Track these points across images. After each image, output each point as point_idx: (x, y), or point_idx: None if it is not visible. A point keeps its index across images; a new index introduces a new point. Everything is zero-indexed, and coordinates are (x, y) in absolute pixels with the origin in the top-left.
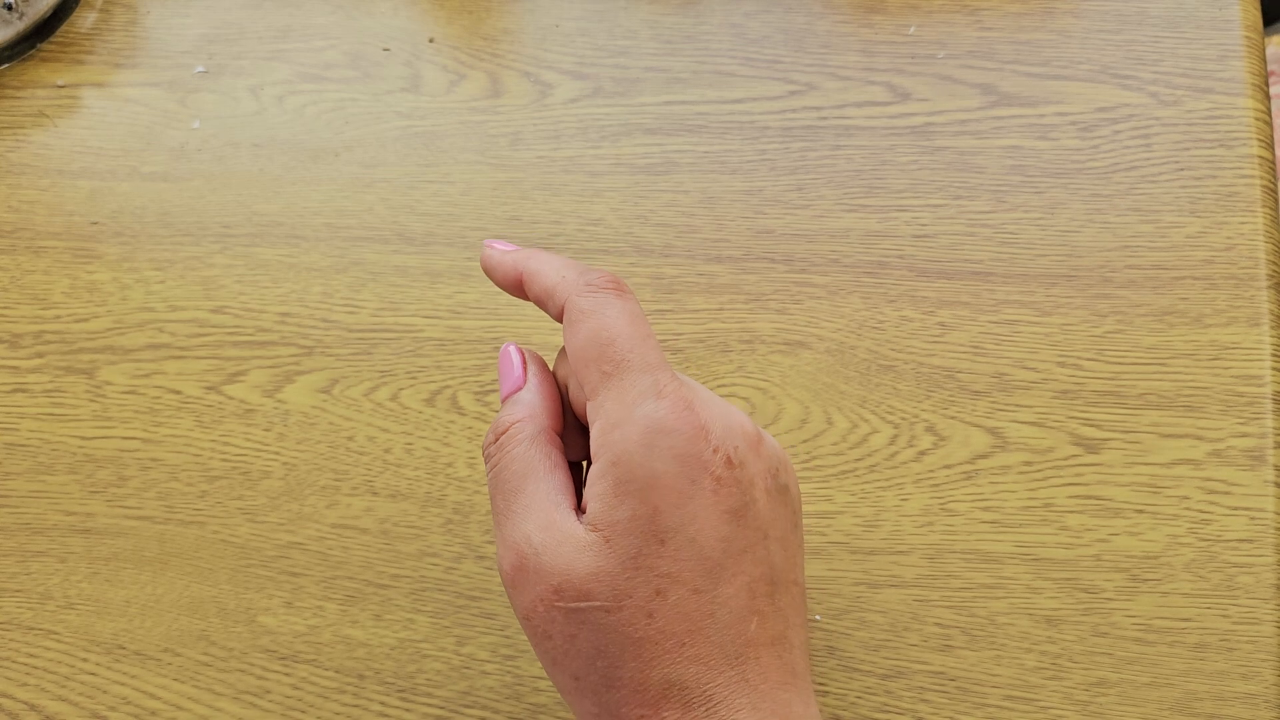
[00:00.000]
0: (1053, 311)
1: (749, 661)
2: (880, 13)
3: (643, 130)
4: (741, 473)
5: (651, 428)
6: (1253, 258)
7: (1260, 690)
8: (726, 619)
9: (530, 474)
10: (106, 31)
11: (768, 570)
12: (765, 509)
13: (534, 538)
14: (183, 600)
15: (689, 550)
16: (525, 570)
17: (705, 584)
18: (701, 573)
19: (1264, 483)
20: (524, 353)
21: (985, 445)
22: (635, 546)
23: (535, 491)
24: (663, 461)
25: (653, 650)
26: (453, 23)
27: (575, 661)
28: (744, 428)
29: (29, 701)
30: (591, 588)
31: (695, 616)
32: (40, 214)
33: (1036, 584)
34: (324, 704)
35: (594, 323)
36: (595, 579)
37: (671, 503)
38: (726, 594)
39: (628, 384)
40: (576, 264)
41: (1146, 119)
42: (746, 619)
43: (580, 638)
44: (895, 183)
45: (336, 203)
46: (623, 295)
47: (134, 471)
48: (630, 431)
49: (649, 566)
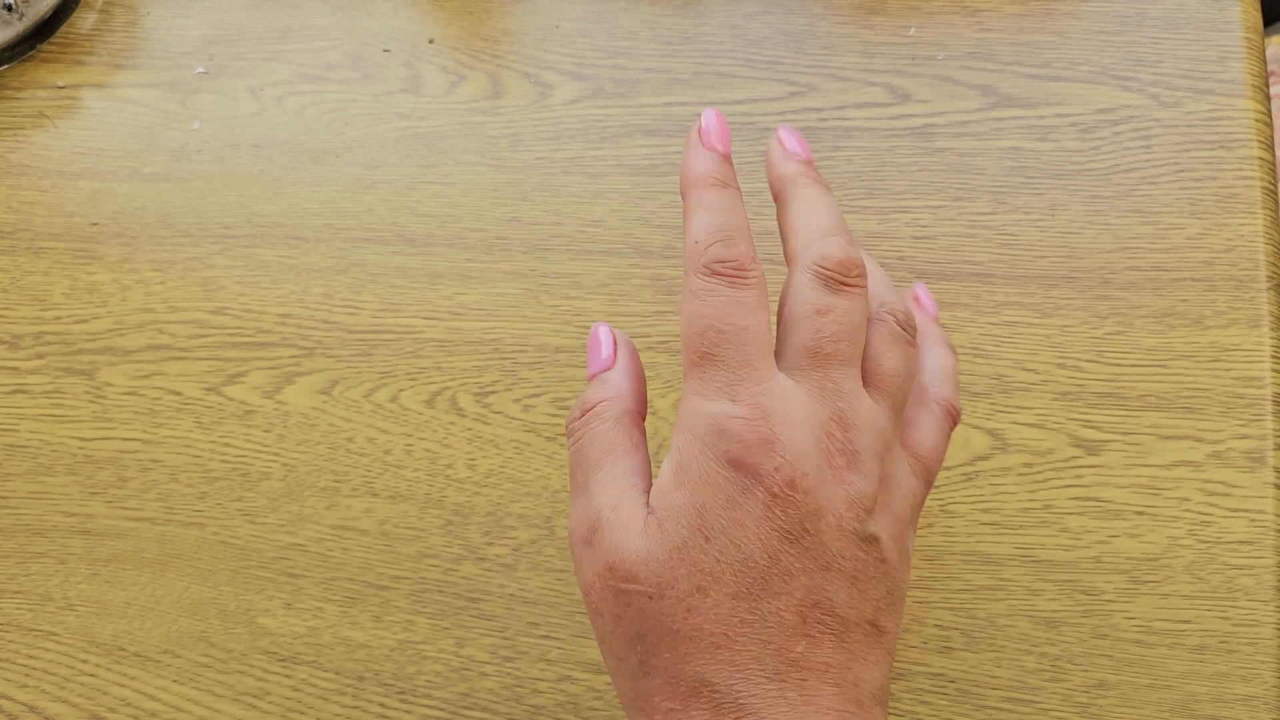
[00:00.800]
0: (1053, 313)
1: (793, 681)
2: (880, 14)
3: (643, 131)
4: (806, 499)
5: (715, 428)
6: (1253, 259)
7: (1260, 692)
8: (768, 633)
9: (610, 452)
10: (107, 32)
11: (824, 600)
12: (834, 544)
13: (604, 514)
14: (182, 602)
15: (733, 554)
16: (591, 544)
17: (746, 591)
18: (744, 580)
19: (1264, 484)
20: (615, 334)
21: (985, 447)
22: (683, 536)
23: (613, 469)
24: (718, 464)
25: (688, 646)
26: (453, 24)
27: (618, 642)
28: (842, 466)
29: (29, 703)
30: (639, 571)
31: (732, 621)
32: (40, 215)
33: (1036, 586)
34: (324, 705)
35: (696, 306)
36: (644, 563)
37: (719, 503)
38: (770, 609)
39: (710, 376)
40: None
41: (1146, 120)
42: (794, 639)
43: (625, 619)
44: (895, 184)
45: (337, 204)
46: (735, 284)
47: (134, 473)
48: (698, 423)
49: (693, 560)
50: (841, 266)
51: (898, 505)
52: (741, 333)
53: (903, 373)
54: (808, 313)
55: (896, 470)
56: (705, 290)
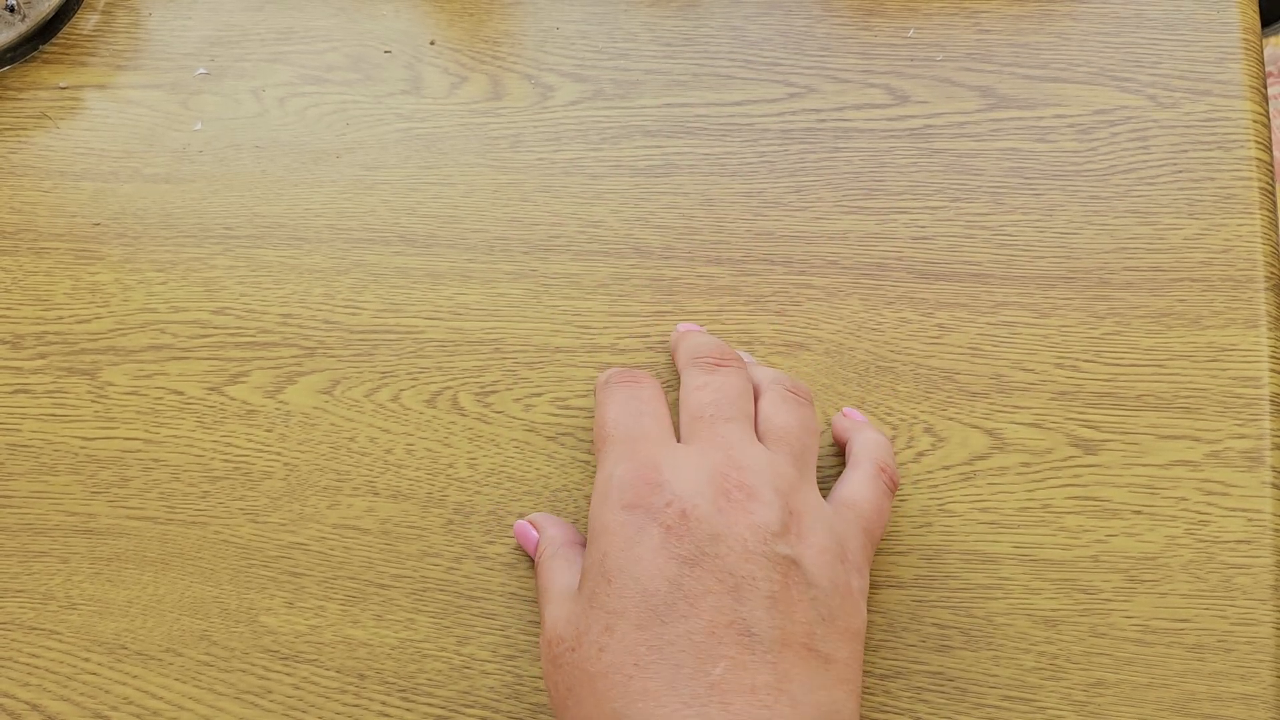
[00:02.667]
0: (1051, 313)
1: (714, 704)
2: (879, 16)
3: (643, 133)
4: (700, 526)
5: (608, 484)
6: (1250, 260)
7: (1258, 691)
8: (679, 658)
9: (554, 572)
10: (109, 33)
11: (738, 621)
12: (741, 566)
13: (546, 607)
14: (184, 600)
15: (634, 588)
16: (541, 638)
17: (650, 621)
18: (647, 610)
19: (1261, 484)
20: (533, 520)
21: (983, 446)
22: (591, 585)
23: (558, 581)
24: (613, 512)
25: (604, 684)
26: (454, 25)
27: (560, 708)
28: (723, 498)
29: (31, 701)
30: (563, 631)
31: (640, 651)
32: (42, 215)
33: (1034, 585)
34: (325, 704)
35: (601, 408)
36: (566, 621)
37: (618, 546)
38: (677, 633)
39: (606, 454)
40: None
41: (1144, 121)
42: (710, 661)
43: (560, 681)
44: (894, 185)
45: (338, 204)
46: (625, 384)
47: (136, 472)
48: (598, 488)
49: (600, 604)
50: (714, 353)
51: (820, 538)
52: (638, 418)
53: (795, 425)
54: (690, 391)
55: (809, 507)
56: (610, 393)
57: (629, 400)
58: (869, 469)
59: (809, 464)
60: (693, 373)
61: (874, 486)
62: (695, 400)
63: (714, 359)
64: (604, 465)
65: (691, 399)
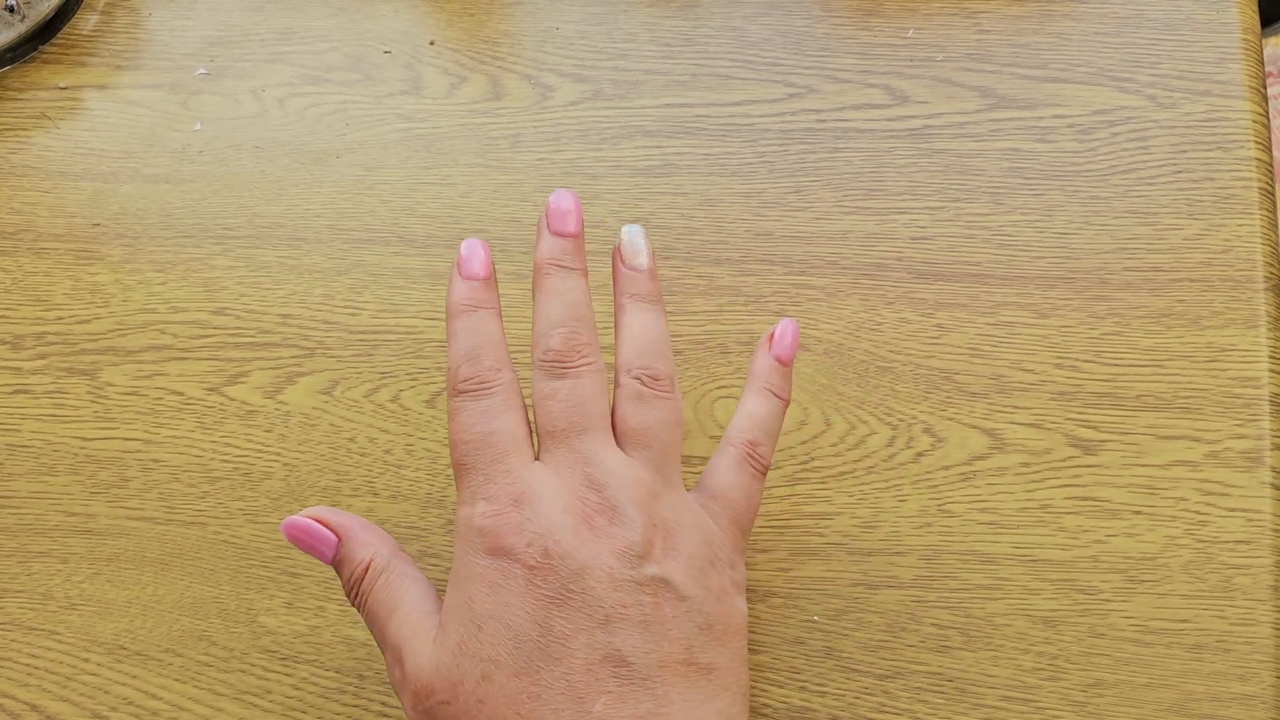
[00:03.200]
0: (1050, 313)
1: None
2: (879, 16)
3: (642, 133)
4: (563, 563)
5: (469, 528)
6: (1250, 260)
7: (1257, 691)
8: (558, 701)
9: (394, 596)
10: (108, 33)
11: (613, 654)
12: (609, 597)
13: (403, 647)
14: (184, 601)
15: (505, 634)
16: (399, 683)
17: (525, 667)
18: (521, 656)
19: (1261, 484)
20: (321, 514)
21: (983, 447)
22: (459, 632)
23: (401, 609)
24: (476, 556)
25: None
26: (453, 25)
27: None
28: (580, 522)
29: (30, 702)
30: (434, 683)
31: (520, 699)
32: (42, 215)
33: (1034, 585)
34: (325, 704)
35: (451, 427)
36: (436, 673)
37: (484, 592)
38: (554, 676)
39: (467, 484)
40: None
41: (1144, 121)
42: (589, 700)
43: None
44: (893, 185)
45: (337, 205)
46: (479, 396)
47: (135, 472)
48: (460, 529)
49: (473, 652)
50: (560, 355)
51: (689, 545)
52: (488, 437)
53: (652, 424)
54: (539, 401)
55: (674, 513)
56: (455, 409)
57: (479, 417)
58: (736, 454)
59: (671, 463)
60: (541, 379)
61: (741, 473)
62: (546, 412)
63: (559, 362)
64: (462, 501)
65: (542, 411)
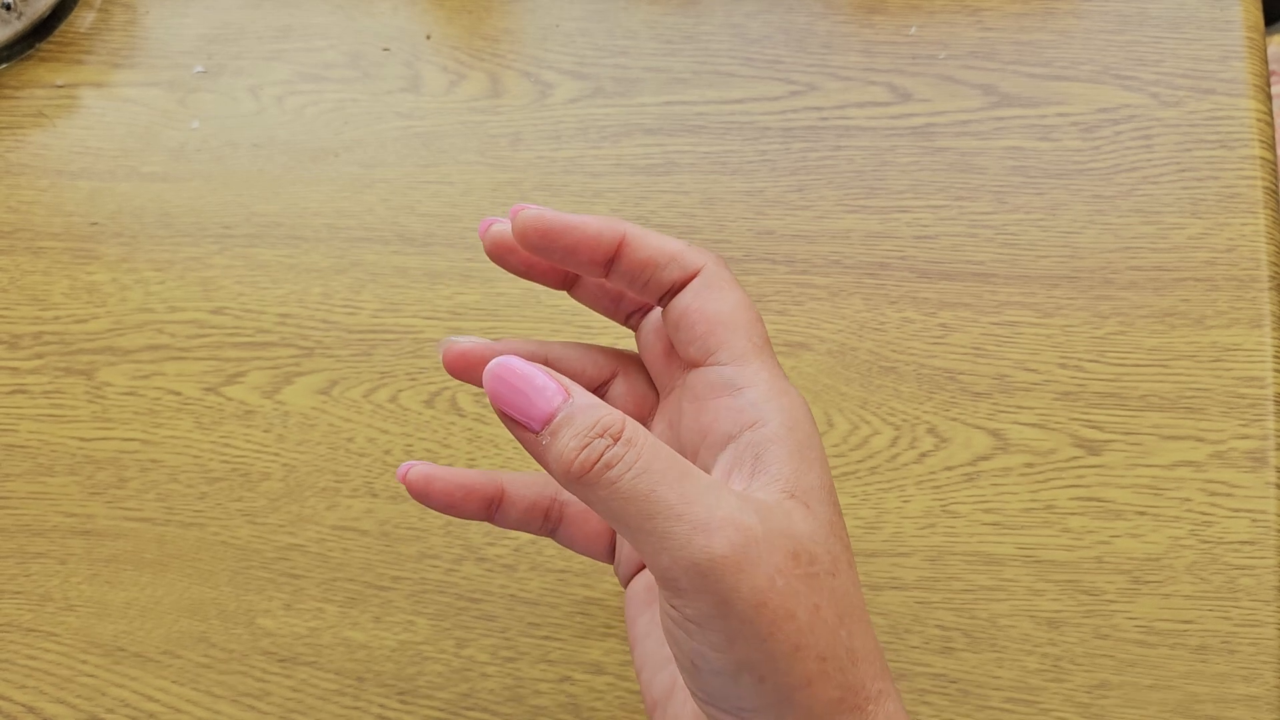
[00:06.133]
0: (1054, 313)
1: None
2: (881, 13)
3: (643, 130)
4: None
5: (808, 409)
6: (1254, 259)
7: (1262, 693)
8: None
9: (678, 457)
10: (105, 31)
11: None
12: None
13: (742, 510)
14: (182, 602)
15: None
16: (752, 544)
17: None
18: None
19: (1265, 484)
20: (548, 371)
21: (987, 447)
22: (828, 513)
23: (697, 473)
24: (817, 438)
25: (866, 618)
26: (453, 22)
27: (823, 638)
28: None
29: (28, 704)
30: (816, 551)
31: (859, 597)
32: (39, 214)
33: (1038, 586)
34: (324, 706)
35: (742, 294)
36: (815, 541)
37: (830, 483)
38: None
39: (774, 361)
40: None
41: (1148, 120)
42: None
43: (824, 608)
44: (896, 183)
45: (336, 203)
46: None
47: (134, 473)
48: (798, 401)
49: (841, 536)
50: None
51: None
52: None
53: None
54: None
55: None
56: (735, 280)
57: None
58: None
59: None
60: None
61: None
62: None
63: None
64: (780, 374)
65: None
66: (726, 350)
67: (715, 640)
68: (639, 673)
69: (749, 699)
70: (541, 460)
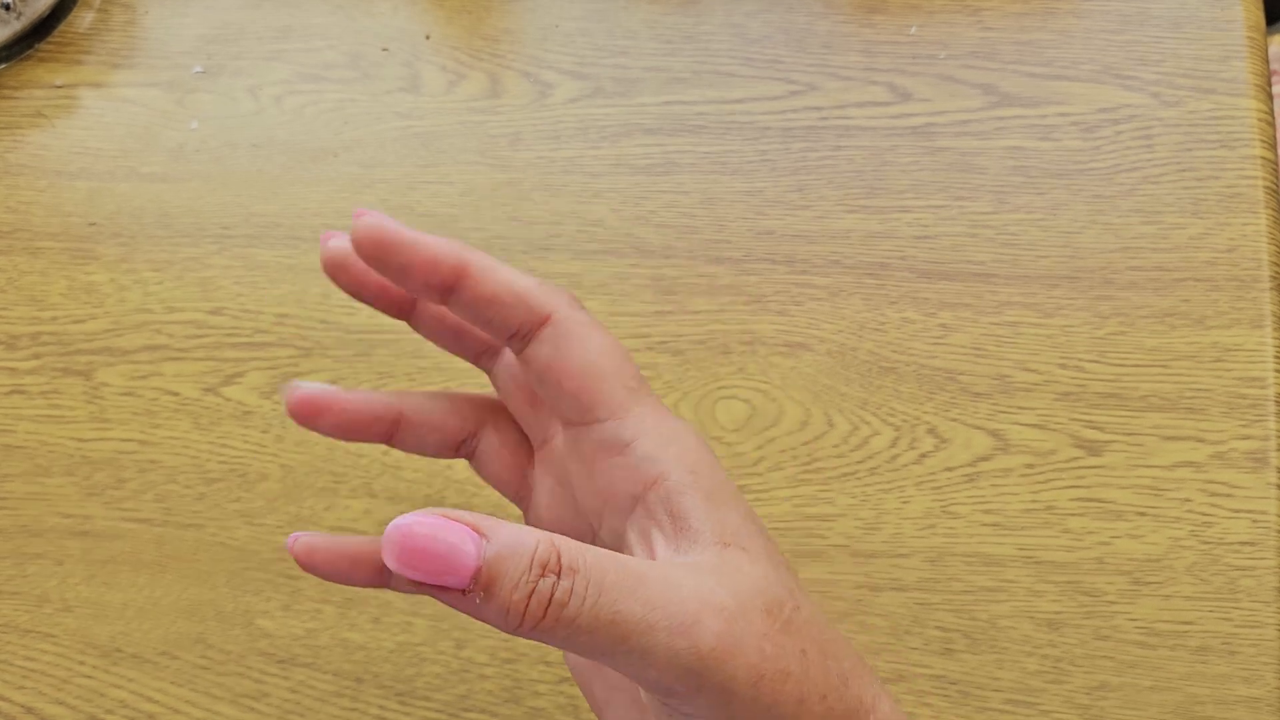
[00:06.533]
0: (1055, 313)
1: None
2: (881, 13)
3: (643, 130)
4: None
5: (702, 440)
6: (1255, 259)
7: (1263, 694)
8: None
9: (621, 560)
10: (104, 31)
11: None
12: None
13: (704, 588)
14: (180, 603)
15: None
16: (732, 622)
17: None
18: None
19: (1266, 485)
20: (448, 514)
21: (987, 447)
22: (764, 546)
23: (645, 569)
24: (721, 470)
25: (838, 635)
26: (452, 23)
27: (818, 679)
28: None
29: (26, 705)
30: (778, 595)
31: (823, 621)
32: (38, 214)
33: (1038, 587)
34: (322, 707)
35: (604, 335)
36: (771, 584)
37: (747, 504)
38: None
39: (654, 401)
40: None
41: (1149, 119)
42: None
43: (809, 650)
44: (896, 183)
45: (335, 203)
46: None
47: (131, 474)
48: (691, 440)
49: (780, 561)
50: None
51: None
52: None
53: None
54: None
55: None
56: (595, 321)
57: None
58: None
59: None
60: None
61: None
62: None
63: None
64: (664, 412)
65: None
66: (603, 405)
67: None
68: None
69: None
70: (480, 617)
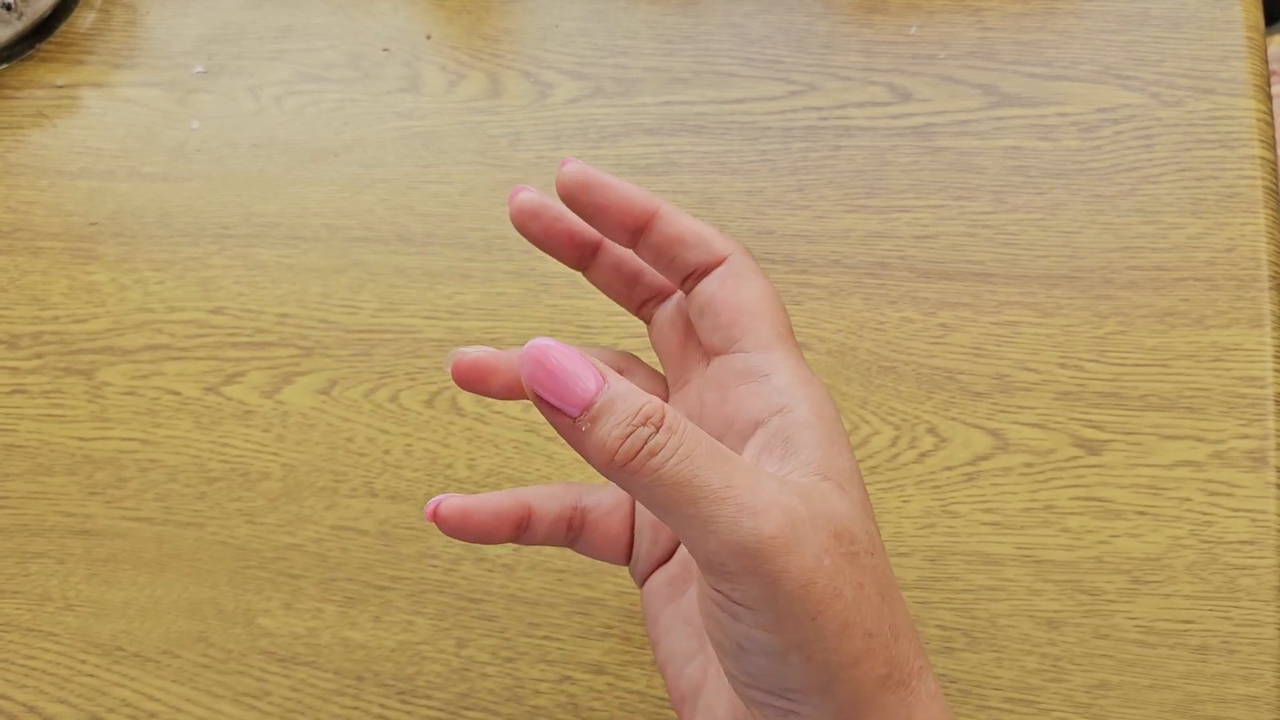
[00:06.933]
0: (1054, 313)
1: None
2: (881, 13)
3: (642, 130)
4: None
5: (831, 398)
6: (1254, 259)
7: (1262, 693)
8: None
9: (717, 443)
10: (106, 31)
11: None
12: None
13: (785, 492)
14: (181, 602)
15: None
16: (798, 524)
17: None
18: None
19: (1265, 484)
20: (586, 352)
21: (986, 447)
22: (860, 495)
23: (738, 458)
24: (842, 426)
25: (902, 597)
26: (452, 23)
27: (868, 615)
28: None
29: (28, 703)
30: (855, 531)
31: (891, 578)
32: (39, 214)
33: (1038, 586)
34: (323, 706)
35: (767, 283)
36: (853, 521)
37: (856, 463)
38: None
39: (798, 351)
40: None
41: (1148, 119)
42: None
43: (867, 585)
44: (896, 183)
45: (335, 203)
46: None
47: (133, 473)
48: (822, 390)
49: (873, 518)
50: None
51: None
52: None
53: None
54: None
55: None
56: (759, 269)
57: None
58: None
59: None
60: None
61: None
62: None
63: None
64: (803, 363)
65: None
66: (752, 338)
67: (763, 621)
68: (663, 669)
69: (796, 679)
70: (579, 447)
